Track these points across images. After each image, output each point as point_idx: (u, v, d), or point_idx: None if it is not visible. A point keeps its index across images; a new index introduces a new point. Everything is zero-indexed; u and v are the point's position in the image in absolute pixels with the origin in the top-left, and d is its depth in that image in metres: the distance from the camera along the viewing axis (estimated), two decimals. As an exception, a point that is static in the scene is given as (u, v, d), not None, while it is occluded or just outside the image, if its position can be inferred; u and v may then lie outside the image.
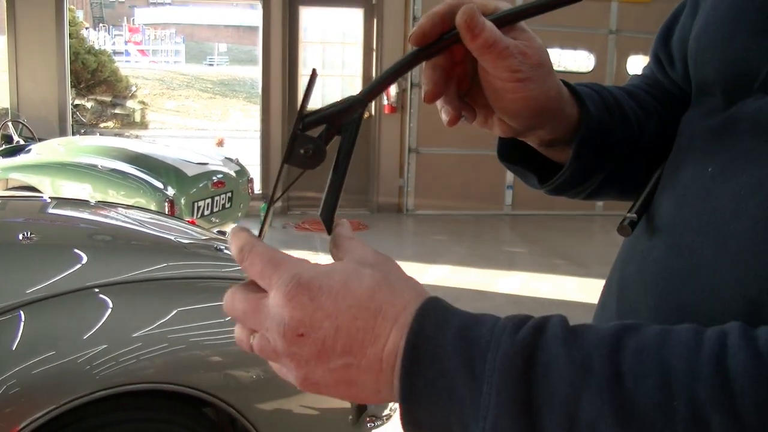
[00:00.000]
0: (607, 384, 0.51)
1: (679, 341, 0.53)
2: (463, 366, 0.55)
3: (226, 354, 2.30)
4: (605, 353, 0.53)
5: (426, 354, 0.57)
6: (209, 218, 6.36)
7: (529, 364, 0.54)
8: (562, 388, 0.52)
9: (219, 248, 2.82)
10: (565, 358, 0.53)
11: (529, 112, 0.77)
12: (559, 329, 0.56)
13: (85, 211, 3.37)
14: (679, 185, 0.74)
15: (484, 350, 0.55)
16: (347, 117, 0.71)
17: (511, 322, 0.57)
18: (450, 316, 0.58)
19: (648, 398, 0.50)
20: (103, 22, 34.81)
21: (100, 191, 5.83)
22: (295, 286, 0.60)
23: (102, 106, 16.80)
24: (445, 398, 0.56)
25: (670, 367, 0.51)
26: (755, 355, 0.49)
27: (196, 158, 6.87)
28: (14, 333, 2.07)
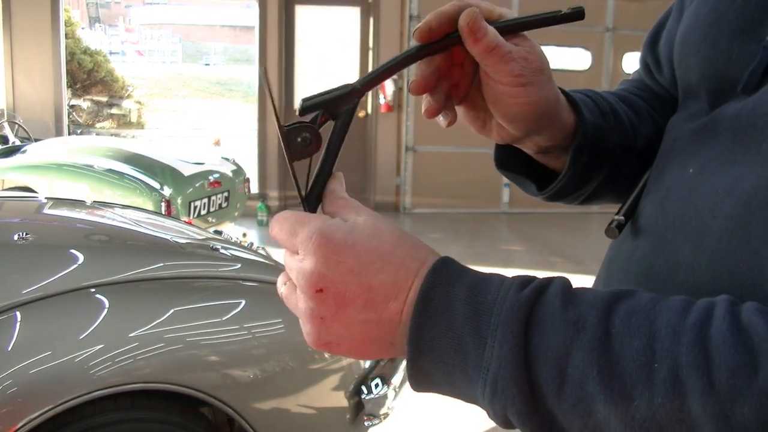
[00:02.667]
0: (596, 343, 0.54)
1: (669, 307, 0.55)
2: (470, 320, 0.58)
3: (223, 353, 2.30)
4: (598, 314, 0.55)
5: (437, 308, 0.59)
6: (206, 218, 6.36)
7: (528, 320, 0.56)
8: (555, 344, 0.55)
9: (215, 248, 2.82)
10: (561, 315, 0.56)
11: (528, 117, 0.78)
12: (559, 289, 0.58)
13: (81, 211, 3.36)
14: (663, 186, 0.75)
15: (490, 307, 0.58)
16: (343, 104, 0.71)
17: (516, 280, 0.60)
18: (461, 274, 0.61)
19: (631, 359, 0.53)
20: (99, 22, 34.75)
21: (96, 191, 5.82)
22: (318, 239, 0.61)
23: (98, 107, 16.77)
24: (451, 350, 0.58)
25: (656, 331, 0.53)
26: (736, 325, 0.51)
27: (193, 158, 6.87)
28: (10, 333, 2.07)
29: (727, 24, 0.73)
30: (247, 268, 2.72)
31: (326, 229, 0.62)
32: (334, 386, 2.49)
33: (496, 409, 0.58)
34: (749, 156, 0.63)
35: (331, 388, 2.49)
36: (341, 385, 2.50)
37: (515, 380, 0.56)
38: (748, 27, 0.71)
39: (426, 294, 0.60)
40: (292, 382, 2.41)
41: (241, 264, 2.77)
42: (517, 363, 0.55)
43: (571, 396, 0.54)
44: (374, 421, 2.54)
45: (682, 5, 0.87)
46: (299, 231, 0.63)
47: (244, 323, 2.40)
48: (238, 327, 2.38)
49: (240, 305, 2.45)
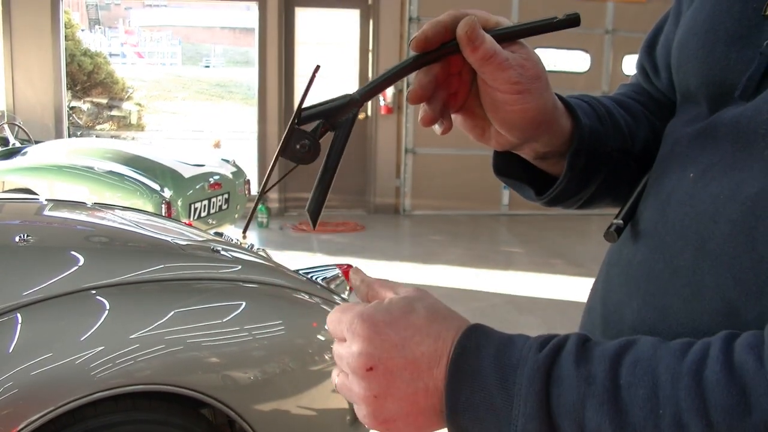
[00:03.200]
0: (606, 396, 0.58)
1: (668, 352, 0.59)
2: (498, 381, 0.63)
3: (223, 355, 2.30)
4: (605, 368, 0.60)
5: (468, 371, 0.64)
6: (206, 220, 6.36)
7: (548, 378, 0.61)
8: (571, 399, 0.60)
9: (216, 249, 2.82)
10: (574, 372, 0.61)
11: (526, 124, 0.79)
12: (573, 347, 0.63)
13: (81, 212, 3.36)
14: (664, 191, 0.75)
15: (515, 368, 0.63)
16: (342, 115, 0.72)
17: (537, 341, 0.64)
18: (488, 338, 0.66)
19: (639, 408, 0.57)
20: (99, 24, 34.76)
21: (96, 193, 5.82)
22: (359, 322, 0.67)
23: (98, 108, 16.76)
24: (484, 409, 0.63)
25: (657, 377, 0.57)
26: (729, 366, 0.55)
27: (193, 160, 6.87)
28: (11, 335, 2.07)
29: (724, 30, 0.74)
30: (248, 270, 2.72)
31: (365, 312, 0.68)
32: (334, 388, 2.49)
33: None
34: (751, 162, 0.64)
35: (331, 389, 2.49)
36: (341, 386, 2.50)
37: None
38: (745, 33, 0.71)
39: (458, 358, 0.65)
40: (292, 384, 2.41)
41: (241, 266, 2.77)
42: (542, 418, 0.61)
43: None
44: (374, 423, 2.53)
45: (679, 10, 0.87)
46: (343, 319, 0.69)
47: (244, 325, 2.40)
48: (239, 328, 2.39)
49: (240, 307, 2.45)
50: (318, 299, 2.65)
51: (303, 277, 2.81)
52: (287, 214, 9.63)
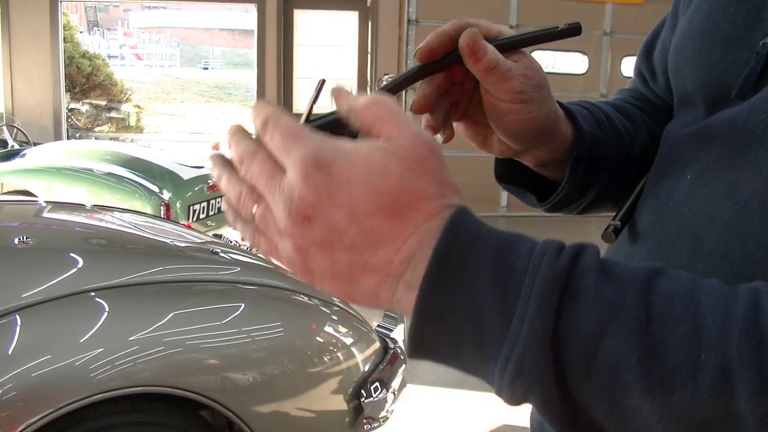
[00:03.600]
0: (635, 325, 0.49)
1: (713, 291, 0.50)
2: (494, 289, 0.51)
3: (222, 357, 2.30)
4: (637, 293, 0.50)
5: (456, 270, 0.52)
6: (205, 221, 6.35)
7: (564, 294, 0.50)
8: (586, 324, 0.50)
9: (215, 251, 2.82)
10: (595, 292, 0.50)
11: (529, 133, 0.79)
12: (593, 260, 0.53)
13: (80, 214, 3.37)
14: (662, 193, 0.76)
15: (522, 275, 0.51)
16: (348, 126, 0.71)
17: (552, 247, 0.54)
18: (485, 233, 0.54)
19: (676, 348, 0.48)
20: (98, 26, 34.76)
21: (95, 195, 5.82)
22: (312, 163, 0.53)
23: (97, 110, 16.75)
24: (466, 320, 0.52)
25: (702, 317, 0.48)
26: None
27: (192, 162, 6.86)
28: (10, 337, 2.07)
29: (720, 32, 0.74)
30: (247, 272, 2.73)
31: (323, 154, 0.54)
32: (333, 389, 2.50)
33: (515, 390, 0.52)
34: (746, 162, 0.64)
35: (330, 391, 2.50)
36: (340, 388, 2.50)
37: (546, 363, 0.50)
38: (740, 34, 0.72)
39: (442, 254, 0.52)
40: (291, 386, 2.41)
41: (240, 267, 2.78)
42: (548, 344, 0.50)
43: (598, 384, 0.50)
44: (373, 425, 2.54)
45: (675, 15, 0.88)
46: (292, 149, 0.55)
47: (243, 327, 2.40)
48: (238, 330, 2.39)
49: (239, 309, 2.46)
50: (317, 301, 2.65)
51: (302, 279, 2.81)
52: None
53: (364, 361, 2.58)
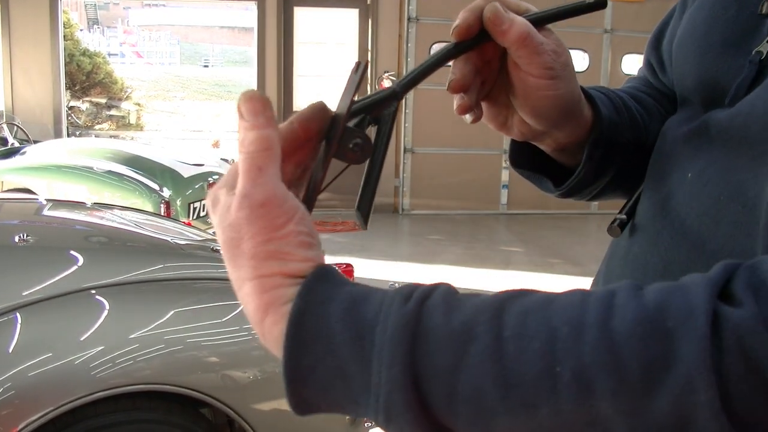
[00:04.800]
0: (488, 352, 0.49)
1: (565, 304, 0.51)
2: (351, 342, 0.52)
3: (223, 355, 2.30)
4: (487, 319, 0.51)
5: (312, 333, 0.53)
6: (205, 219, 6.35)
7: (415, 336, 0.51)
8: (441, 360, 0.50)
9: (215, 249, 2.82)
10: (445, 327, 0.51)
11: (555, 112, 0.78)
12: (441, 297, 0.53)
13: (81, 212, 3.37)
14: (663, 188, 0.76)
15: (372, 325, 0.52)
16: (384, 108, 0.70)
17: (399, 294, 0.54)
18: (336, 289, 0.55)
19: (531, 364, 0.48)
20: (98, 24, 34.74)
21: (95, 193, 5.82)
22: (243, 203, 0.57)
23: (97, 108, 16.75)
24: (333, 377, 0.53)
25: (554, 329, 0.49)
26: (644, 312, 0.48)
27: (192, 159, 6.87)
28: (11, 335, 2.07)
29: (719, 34, 0.74)
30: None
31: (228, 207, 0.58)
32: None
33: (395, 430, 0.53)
34: (747, 163, 0.64)
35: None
36: (341, 386, 2.50)
37: (408, 405, 0.51)
38: (737, 39, 0.72)
39: (298, 317, 0.54)
40: (291, 383, 2.41)
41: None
42: (409, 386, 0.51)
43: (465, 413, 0.50)
44: (374, 423, 2.54)
45: (684, 5, 0.88)
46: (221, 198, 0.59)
47: (243, 324, 2.40)
48: (238, 328, 2.39)
49: (239, 306, 2.45)
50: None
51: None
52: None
53: (365, 359, 2.58)
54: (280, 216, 0.57)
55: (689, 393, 0.45)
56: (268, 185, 0.57)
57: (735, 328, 0.45)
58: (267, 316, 0.56)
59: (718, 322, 0.46)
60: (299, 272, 0.56)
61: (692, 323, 0.46)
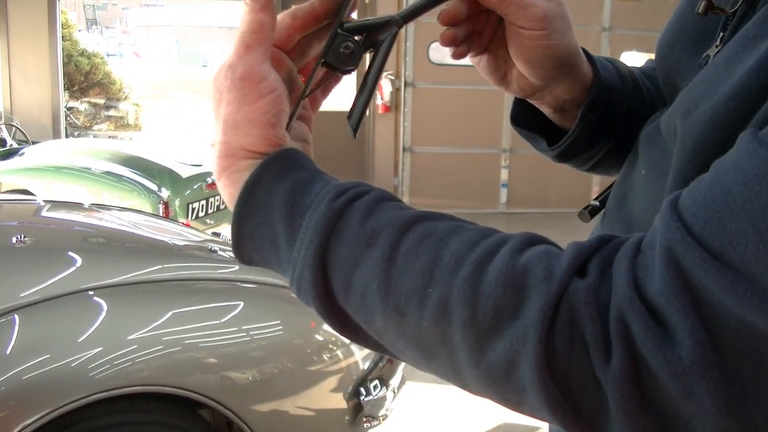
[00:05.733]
0: (381, 259, 0.57)
1: (463, 239, 0.57)
2: (286, 219, 0.62)
3: (221, 356, 2.30)
4: (391, 232, 0.58)
5: (258, 203, 0.63)
6: (204, 220, 6.35)
7: (332, 230, 0.59)
8: (346, 255, 0.59)
9: (214, 250, 2.82)
10: (358, 228, 0.59)
11: (549, 62, 0.80)
12: (367, 201, 0.61)
13: (79, 213, 3.36)
14: (627, 182, 0.78)
15: (305, 210, 0.61)
16: (383, 33, 0.74)
17: (334, 189, 0.61)
18: (289, 171, 0.64)
19: (410, 279, 0.56)
20: (96, 24, 34.73)
21: (94, 194, 5.81)
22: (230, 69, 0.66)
23: (95, 109, 16.73)
24: (268, 243, 0.63)
25: (441, 258, 0.56)
26: (514, 265, 0.53)
27: (191, 160, 6.86)
28: (9, 337, 2.07)
29: (685, 33, 0.75)
30: (245, 270, 2.72)
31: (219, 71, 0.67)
32: (332, 388, 2.49)
33: (302, 300, 0.62)
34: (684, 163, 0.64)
35: (329, 389, 2.49)
36: (340, 386, 2.50)
37: (314, 283, 0.59)
38: (699, 39, 0.72)
39: (251, 186, 0.63)
40: (290, 384, 2.41)
41: (239, 266, 2.77)
42: (317, 267, 0.59)
43: (354, 303, 0.59)
44: (373, 423, 2.54)
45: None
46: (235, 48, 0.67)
47: (242, 325, 2.40)
48: (237, 329, 2.38)
49: (238, 307, 2.45)
50: (316, 299, 2.65)
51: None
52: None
53: (364, 359, 2.58)
54: (253, 92, 0.65)
55: (520, 343, 0.51)
56: (251, 63, 0.65)
57: (572, 295, 0.50)
58: (222, 177, 0.67)
59: (565, 289, 0.51)
60: (254, 147, 0.65)
61: (544, 286, 0.51)
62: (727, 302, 0.46)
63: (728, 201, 0.47)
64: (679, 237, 0.48)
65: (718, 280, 0.46)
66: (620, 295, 0.49)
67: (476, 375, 0.55)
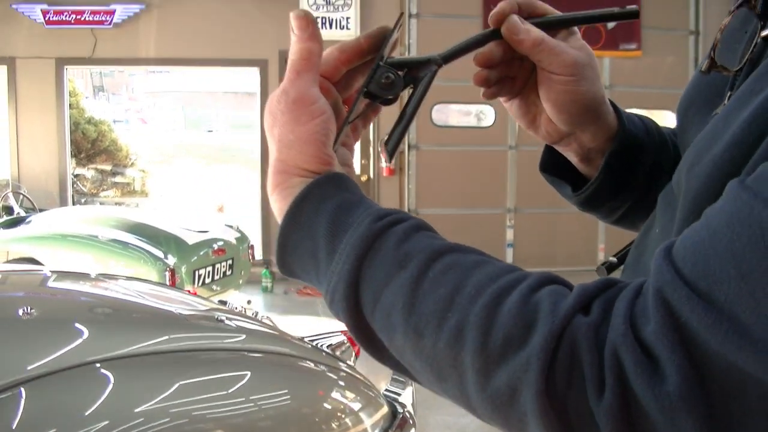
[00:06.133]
0: (408, 282, 0.62)
1: (487, 273, 0.61)
2: (328, 236, 0.67)
3: (229, 427, 2.27)
4: (422, 258, 0.63)
5: (304, 218, 0.69)
6: (210, 286, 6.35)
7: (369, 249, 0.65)
8: (378, 273, 0.64)
9: (221, 319, 2.81)
10: (393, 251, 0.64)
11: (576, 108, 0.85)
12: (405, 227, 0.66)
13: (85, 283, 3.37)
14: (644, 241, 0.80)
15: (346, 229, 0.66)
16: (423, 70, 0.79)
17: (376, 213, 0.67)
18: (336, 193, 0.70)
19: (432, 303, 0.60)
20: (103, 91, 35.11)
21: (100, 261, 5.83)
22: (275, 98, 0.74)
23: (102, 175, 16.84)
24: (308, 255, 0.69)
25: (463, 287, 0.60)
26: (527, 300, 0.57)
27: (197, 226, 6.89)
28: (15, 411, 2.05)
29: (699, 94, 0.76)
30: (253, 339, 2.71)
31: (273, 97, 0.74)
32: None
33: (333, 312, 0.68)
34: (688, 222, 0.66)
35: (338, 459, 2.46)
36: (349, 456, 2.47)
37: (346, 296, 0.65)
38: (711, 99, 0.73)
39: (300, 201, 0.70)
40: (299, 455, 2.38)
41: (246, 335, 2.76)
42: (351, 282, 0.65)
43: (379, 320, 0.64)
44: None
45: None
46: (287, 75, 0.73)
47: (250, 395, 2.38)
48: (244, 399, 2.36)
49: (246, 377, 2.44)
50: (323, 367, 2.63)
51: (308, 345, 2.80)
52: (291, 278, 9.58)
53: (373, 427, 2.55)
54: (305, 114, 0.72)
55: (523, 370, 0.54)
56: (302, 87, 0.72)
57: (575, 329, 0.54)
58: (275, 192, 0.73)
59: (568, 323, 0.54)
60: (307, 165, 0.72)
61: (549, 320, 0.55)
62: (711, 341, 0.48)
63: (713, 243, 0.49)
64: (668, 278, 0.51)
65: (702, 319, 0.49)
66: (615, 331, 0.53)
67: (482, 399, 0.58)
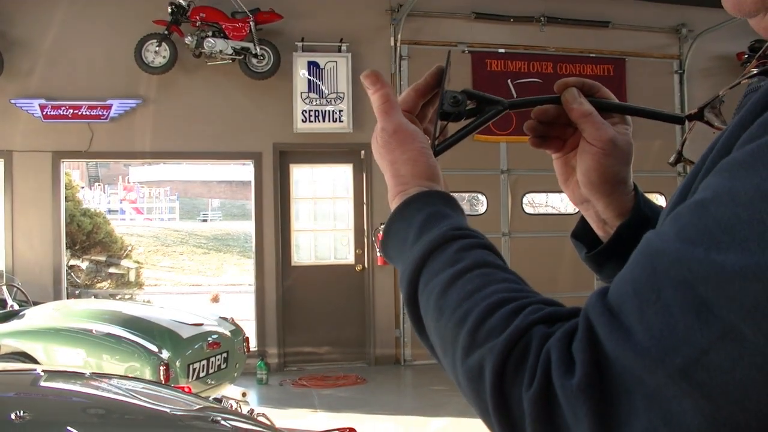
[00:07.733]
0: (451, 275, 0.77)
1: (510, 282, 0.76)
2: (418, 230, 0.85)
3: None
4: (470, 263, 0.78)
5: (406, 216, 0.87)
6: (205, 380, 6.29)
7: (438, 246, 0.81)
8: (437, 265, 0.80)
9: (215, 419, 2.78)
10: (454, 253, 0.80)
11: (597, 177, 1.00)
12: (471, 241, 0.82)
13: (78, 383, 3.33)
14: None
15: (431, 229, 0.84)
16: (490, 107, 0.96)
17: (458, 224, 0.84)
18: (438, 203, 0.87)
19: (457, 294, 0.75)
20: (99, 181, 35.37)
21: (94, 356, 5.78)
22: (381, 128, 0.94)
23: (97, 266, 16.78)
24: (402, 244, 0.87)
25: (485, 288, 0.75)
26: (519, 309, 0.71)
27: (191, 319, 6.86)
28: None
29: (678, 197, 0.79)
30: (247, 440, 2.68)
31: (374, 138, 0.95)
32: None
33: (400, 286, 0.84)
34: None
35: None
36: None
37: (411, 276, 0.82)
38: None
39: (409, 202, 0.88)
40: None
41: (240, 436, 2.72)
42: (417, 266, 0.81)
43: (423, 299, 0.80)
44: None
45: None
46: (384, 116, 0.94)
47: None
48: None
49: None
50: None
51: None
52: (287, 369, 9.50)
53: None
54: (408, 137, 0.92)
55: (489, 352, 0.68)
56: (396, 119, 0.93)
57: (534, 331, 0.68)
58: (395, 200, 0.90)
59: (532, 327, 0.68)
60: (422, 174, 0.90)
61: (520, 320, 0.69)
62: (609, 346, 0.61)
63: (625, 271, 0.64)
64: (594, 300, 0.66)
65: (605, 328, 0.62)
66: (555, 337, 0.66)
67: (462, 372, 0.71)
